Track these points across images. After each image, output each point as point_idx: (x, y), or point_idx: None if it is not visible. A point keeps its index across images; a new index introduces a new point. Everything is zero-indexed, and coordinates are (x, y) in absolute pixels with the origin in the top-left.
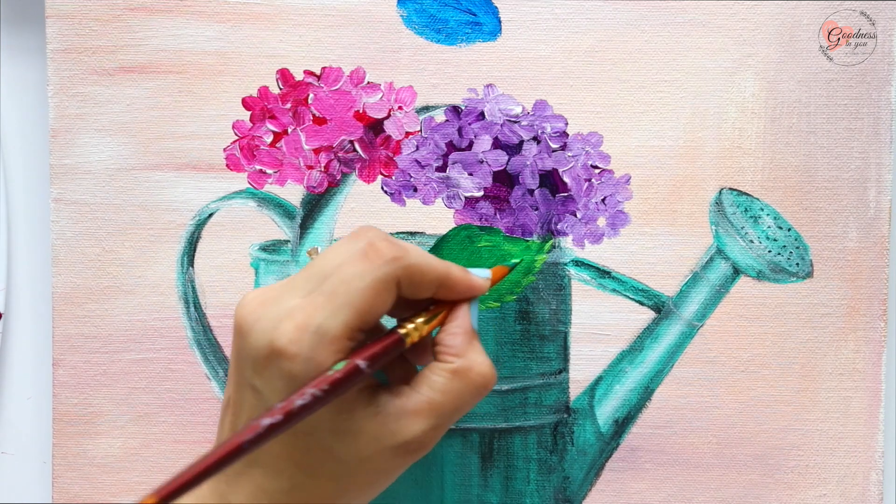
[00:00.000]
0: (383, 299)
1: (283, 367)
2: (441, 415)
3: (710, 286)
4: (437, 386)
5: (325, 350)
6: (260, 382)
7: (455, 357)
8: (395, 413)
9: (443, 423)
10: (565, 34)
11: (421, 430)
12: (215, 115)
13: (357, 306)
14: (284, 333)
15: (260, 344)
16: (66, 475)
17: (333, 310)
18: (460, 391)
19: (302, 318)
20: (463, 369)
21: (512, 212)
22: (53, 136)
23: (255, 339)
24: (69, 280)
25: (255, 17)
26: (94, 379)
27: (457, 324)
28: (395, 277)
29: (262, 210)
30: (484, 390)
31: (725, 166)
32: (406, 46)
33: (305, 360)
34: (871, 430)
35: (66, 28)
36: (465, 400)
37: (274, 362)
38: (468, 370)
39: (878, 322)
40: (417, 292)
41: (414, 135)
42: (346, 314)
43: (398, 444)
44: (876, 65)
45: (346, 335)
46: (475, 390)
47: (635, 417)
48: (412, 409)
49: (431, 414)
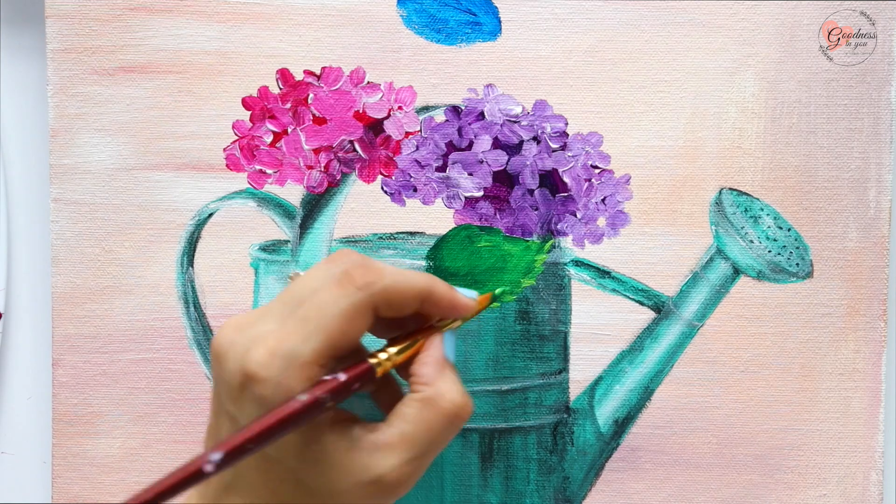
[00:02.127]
0: (357, 325)
1: (254, 391)
2: (413, 447)
3: (710, 286)
4: (409, 417)
5: (295, 375)
6: (234, 409)
7: (424, 386)
8: (368, 447)
9: (417, 457)
10: (565, 34)
11: (394, 463)
12: (215, 115)
13: (329, 332)
14: (255, 358)
15: (233, 369)
16: (66, 475)
17: (305, 336)
18: (431, 421)
19: (273, 342)
20: (432, 398)
21: (512, 212)
22: (53, 136)
23: (229, 365)
24: (69, 280)
25: (255, 17)
26: (94, 379)
27: (428, 353)
28: (370, 304)
29: (262, 210)
30: (457, 420)
31: (725, 166)
32: (406, 46)
33: (275, 384)
34: (871, 430)
35: (66, 28)
36: (437, 430)
37: (246, 387)
38: (438, 398)
39: (878, 322)
40: (399, 311)
41: (414, 135)
42: (318, 340)
43: (371, 478)
44: (876, 65)
45: (317, 361)
46: (446, 420)
47: (635, 417)
48: (384, 442)
49: (403, 446)
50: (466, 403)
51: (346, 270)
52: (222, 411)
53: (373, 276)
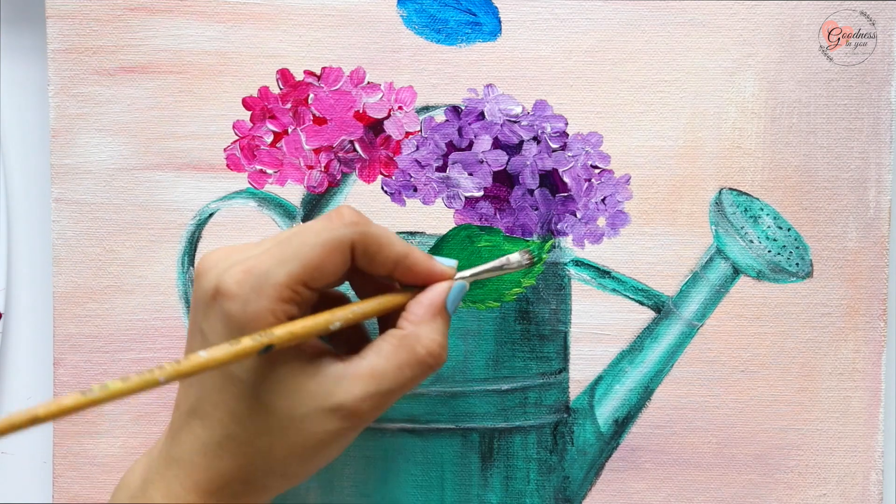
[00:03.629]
0: (334, 260)
1: (224, 306)
2: (381, 382)
3: (710, 286)
4: (384, 352)
5: (264, 295)
6: (206, 325)
7: (409, 324)
8: (335, 375)
9: (383, 393)
10: (565, 34)
11: (358, 394)
12: (215, 115)
13: (305, 259)
14: (232, 276)
15: (209, 285)
16: (66, 475)
17: (281, 259)
18: (402, 360)
19: (252, 263)
20: (411, 338)
21: (512, 212)
22: (54, 136)
23: (206, 281)
24: (70, 280)
25: (255, 17)
26: (94, 379)
27: (426, 295)
28: (350, 240)
29: (263, 210)
30: (427, 368)
31: (725, 166)
32: (406, 46)
33: (244, 301)
34: (871, 430)
35: (67, 28)
36: (407, 372)
37: (217, 302)
38: (415, 341)
39: (878, 322)
40: (372, 265)
41: (414, 135)
42: (293, 265)
43: (333, 405)
44: (876, 65)
45: (289, 284)
46: (418, 364)
47: (635, 417)
48: (352, 373)
49: (371, 380)
50: (440, 355)
51: (338, 208)
52: (196, 329)
53: (361, 219)
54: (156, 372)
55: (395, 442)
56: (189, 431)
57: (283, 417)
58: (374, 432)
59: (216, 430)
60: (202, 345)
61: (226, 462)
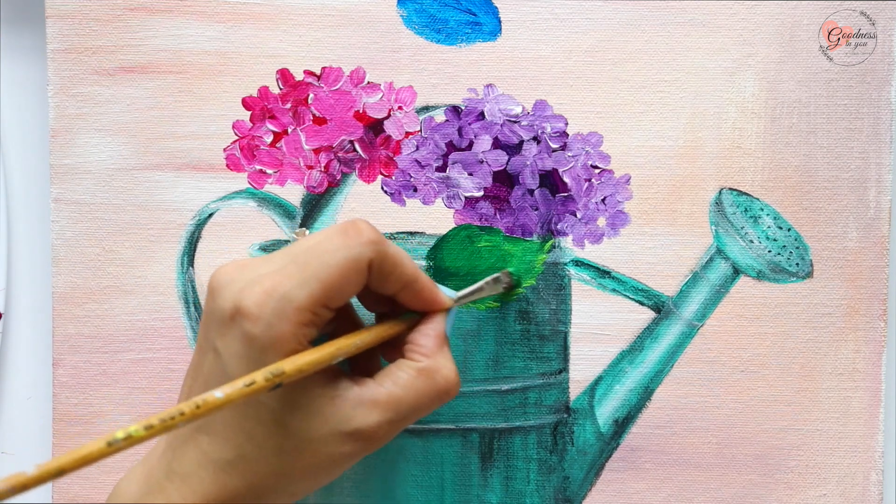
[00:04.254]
0: (353, 279)
1: (244, 327)
2: (399, 410)
3: (710, 286)
4: (401, 382)
5: (286, 318)
6: (221, 344)
7: (424, 357)
8: (354, 400)
9: (399, 420)
10: (565, 34)
11: (376, 420)
12: (215, 115)
13: (325, 280)
14: (251, 296)
15: (226, 304)
16: (66, 475)
17: (302, 280)
18: (423, 391)
19: (270, 283)
20: (430, 370)
21: (512, 212)
22: (53, 136)
23: (222, 300)
24: (69, 280)
25: (255, 17)
26: (94, 379)
27: (431, 326)
28: (368, 259)
29: (262, 210)
30: (446, 396)
31: (725, 166)
32: (406, 46)
33: (266, 324)
34: (871, 430)
35: (66, 28)
36: (425, 401)
37: (236, 322)
38: (435, 372)
39: (878, 322)
40: (383, 285)
41: (414, 135)
42: (314, 286)
43: (350, 430)
44: (876, 65)
45: (310, 307)
46: (436, 394)
47: (635, 417)
48: (370, 399)
49: (389, 407)
50: (458, 382)
51: (354, 223)
52: (209, 347)
53: (379, 237)
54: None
55: (395, 442)
56: (195, 446)
57: (299, 439)
58: None
59: (227, 449)
60: (215, 363)
61: (234, 480)
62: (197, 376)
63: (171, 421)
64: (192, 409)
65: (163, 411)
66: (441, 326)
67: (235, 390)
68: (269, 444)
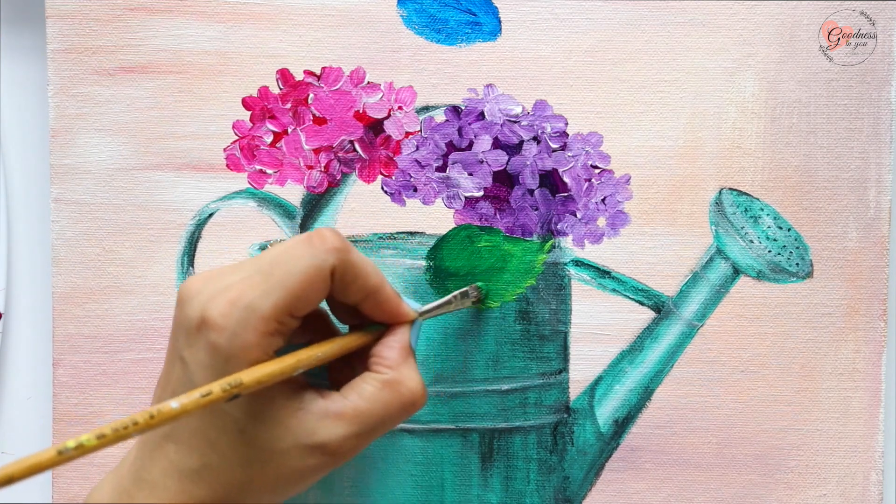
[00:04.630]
0: (317, 286)
1: (209, 338)
2: (364, 423)
3: (710, 286)
4: (366, 394)
5: (251, 327)
6: (188, 354)
7: (388, 369)
8: (318, 412)
9: (364, 433)
10: (565, 34)
11: (341, 434)
12: (215, 115)
13: (289, 288)
14: (216, 306)
15: (194, 314)
16: (66, 475)
17: (266, 289)
18: (387, 403)
19: (236, 293)
20: (394, 382)
21: (512, 212)
22: (53, 136)
23: (190, 309)
24: (69, 280)
25: (255, 17)
26: (94, 379)
27: (395, 338)
28: (331, 266)
29: (262, 210)
30: (412, 407)
31: (725, 166)
32: (406, 46)
33: (231, 334)
34: (871, 430)
35: (66, 28)
36: (391, 413)
37: (202, 332)
38: (399, 384)
39: (878, 322)
40: (346, 293)
41: (414, 135)
42: (278, 295)
43: (315, 443)
44: (876, 65)
45: (275, 316)
46: (402, 405)
47: (635, 417)
48: (335, 412)
49: (354, 420)
50: (424, 394)
51: (319, 231)
52: (176, 357)
53: (343, 244)
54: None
55: (395, 442)
56: (163, 454)
57: (263, 451)
58: None
59: (193, 458)
60: (182, 374)
61: (200, 490)
62: (166, 386)
63: (125, 430)
64: (146, 419)
65: (116, 420)
66: (405, 338)
67: (191, 401)
68: (234, 455)
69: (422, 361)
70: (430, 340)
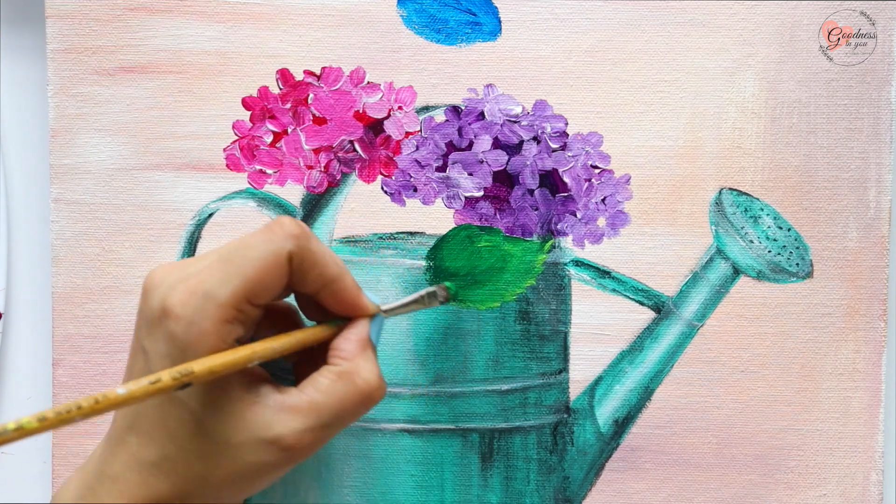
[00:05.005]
0: (274, 273)
1: (168, 327)
2: (320, 416)
3: (710, 286)
4: (322, 387)
5: (208, 316)
6: (148, 343)
7: (344, 360)
8: (274, 406)
9: (320, 426)
10: (565, 34)
11: (296, 427)
12: (215, 115)
13: (247, 275)
14: (176, 295)
15: (155, 304)
16: (66, 475)
17: (224, 277)
18: (343, 395)
19: (195, 282)
20: (349, 373)
21: (512, 212)
22: (53, 136)
23: (152, 300)
24: (69, 280)
25: (255, 17)
26: (94, 379)
27: (353, 331)
28: (288, 252)
29: (262, 210)
30: (369, 400)
31: (725, 166)
32: (406, 46)
33: (189, 322)
34: (871, 430)
35: (66, 28)
36: (347, 406)
37: (162, 322)
38: (355, 374)
39: (878, 322)
40: (303, 281)
41: (414, 135)
42: (235, 282)
43: (270, 437)
44: (876, 65)
45: (233, 303)
46: (359, 397)
47: (635, 417)
48: (291, 405)
49: (311, 414)
50: (381, 386)
51: (279, 218)
52: (139, 348)
53: (302, 231)
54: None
55: (395, 442)
56: (125, 448)
57: (219, 443)
58: (375, 432)
59: (152, 449)
60: (144, 364)
61: (160, 482)
62: (129, 377)
63: (68, 415)
64: (90, 404)
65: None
66: (364, 331)
67: (139, 388)
68: (191, 447)
69: (422, 361)
70: (430, 340)
